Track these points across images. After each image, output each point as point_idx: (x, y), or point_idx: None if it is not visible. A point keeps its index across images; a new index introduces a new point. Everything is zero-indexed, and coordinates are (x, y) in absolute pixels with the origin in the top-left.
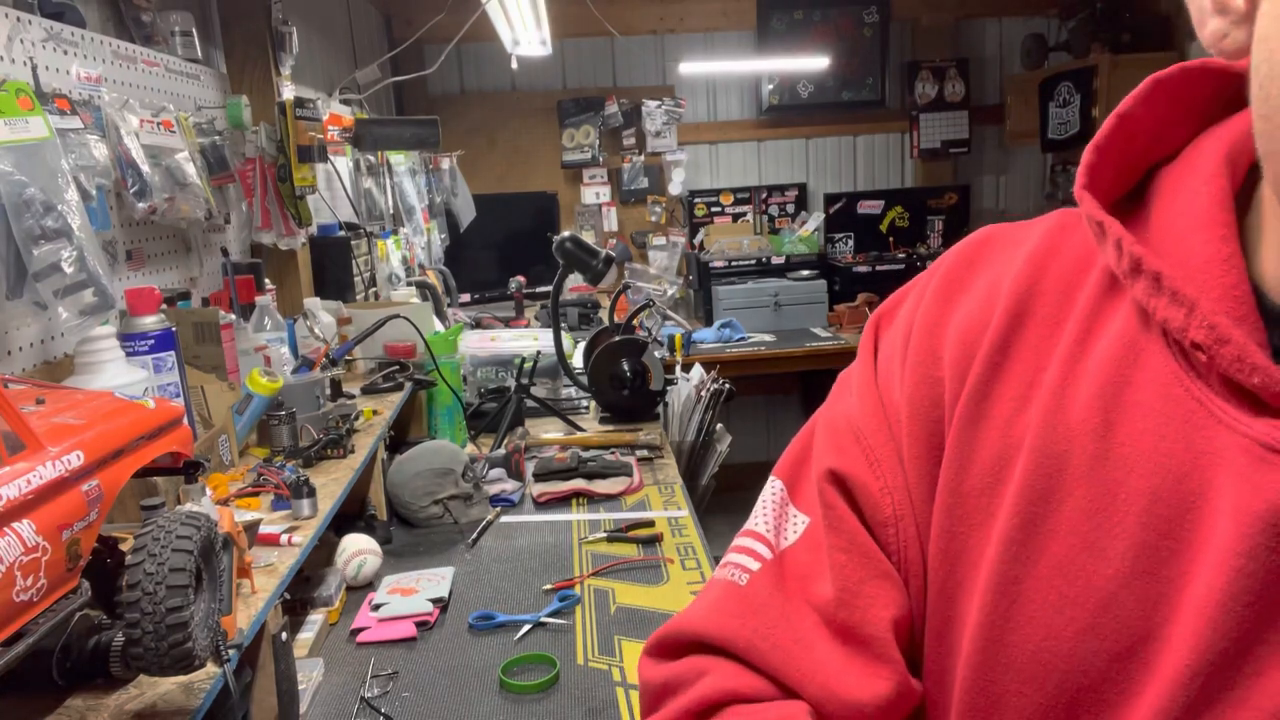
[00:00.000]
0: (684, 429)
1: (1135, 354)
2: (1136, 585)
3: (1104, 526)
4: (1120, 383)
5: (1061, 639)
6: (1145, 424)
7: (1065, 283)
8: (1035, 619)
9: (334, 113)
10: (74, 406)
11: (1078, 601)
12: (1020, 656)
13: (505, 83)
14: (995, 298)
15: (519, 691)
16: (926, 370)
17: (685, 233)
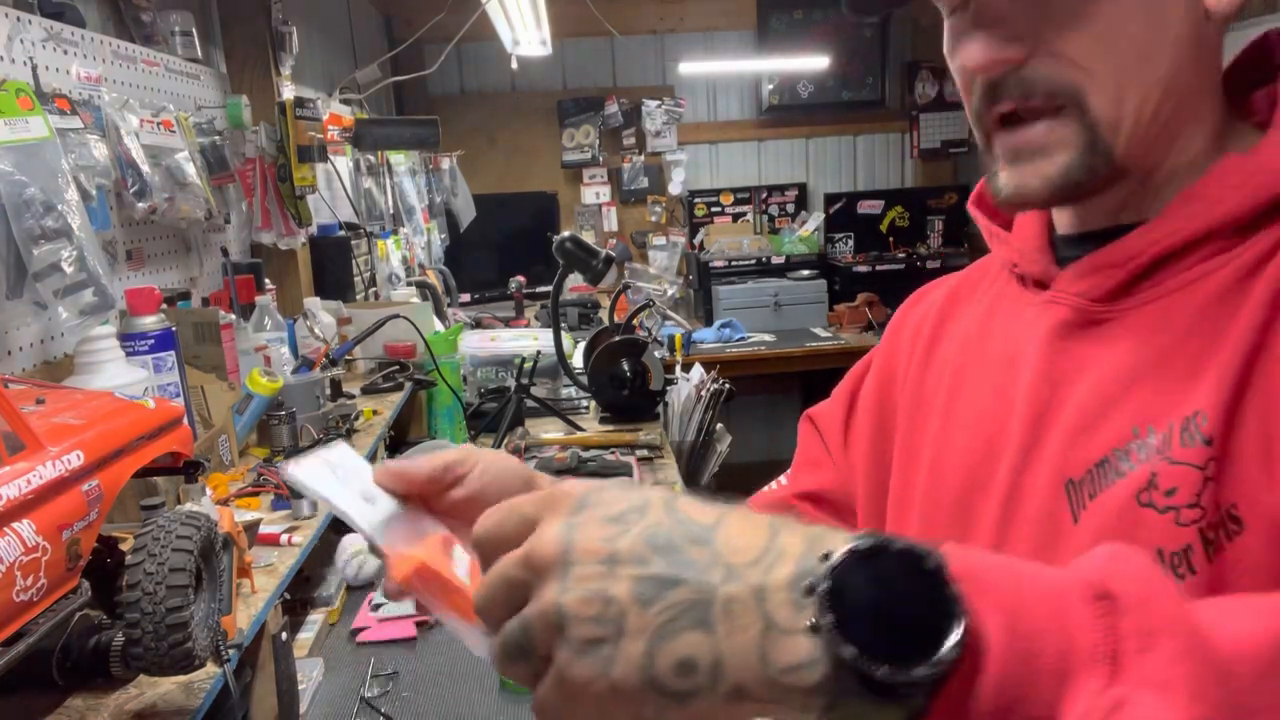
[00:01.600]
0: (684, 429)
1: (997, 297)
2: (997, 407)
3: (978, 385)
4: (992, 307)
5: (963, 452)
6: (1001, 321)
7: (966, 286)
8: (955, 440)
9: (334, 113)
10: (74, 406)
11: (975, 427)
12: (934, 470)
13: (505, 83)
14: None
15: (519, 691)
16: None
17: (685, 233)
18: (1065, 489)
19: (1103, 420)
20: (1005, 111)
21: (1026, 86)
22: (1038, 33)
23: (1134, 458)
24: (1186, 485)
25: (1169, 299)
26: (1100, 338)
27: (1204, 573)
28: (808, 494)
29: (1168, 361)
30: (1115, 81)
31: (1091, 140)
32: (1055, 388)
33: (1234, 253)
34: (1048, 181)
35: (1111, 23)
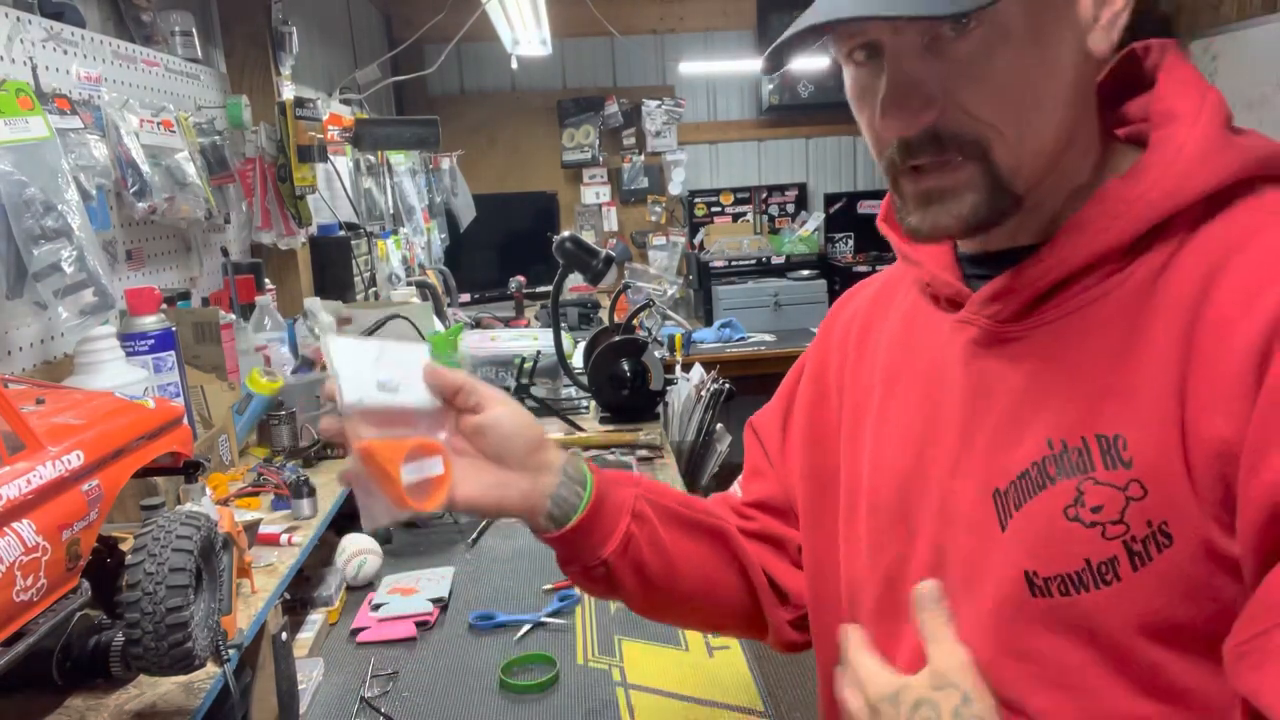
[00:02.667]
0: (684, 429)
1: (913, 307)
2: (924, 419)
3: (905, 398)
4: (909, 323)
5: (896, 461)
6: (920, 338)
7: (883, 296)
8: (889, 450)
9: (334, 113)
10: (74, 406)
11: (906, 438)
12: (866, 502)
13: (505, 83)
14: (852, 320)
15: (519, 691)
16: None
17: (685, 233)
18: (993, 498)
19: (1019, 433)
20: (918, 164)
21: (941, 143)
22: (947, 92)
23: (1051, 470)
24: (1111, 504)
25: (1069, 318)
26: (1010, 355)
27: (1128, 580)
28: (755, 503)
29: (1073, 378)
30: (1016, 132)
31: (995, 183)
32: (975, 401)
33: (1125, 274)
34: (959, 219)
35: (1011, 79)
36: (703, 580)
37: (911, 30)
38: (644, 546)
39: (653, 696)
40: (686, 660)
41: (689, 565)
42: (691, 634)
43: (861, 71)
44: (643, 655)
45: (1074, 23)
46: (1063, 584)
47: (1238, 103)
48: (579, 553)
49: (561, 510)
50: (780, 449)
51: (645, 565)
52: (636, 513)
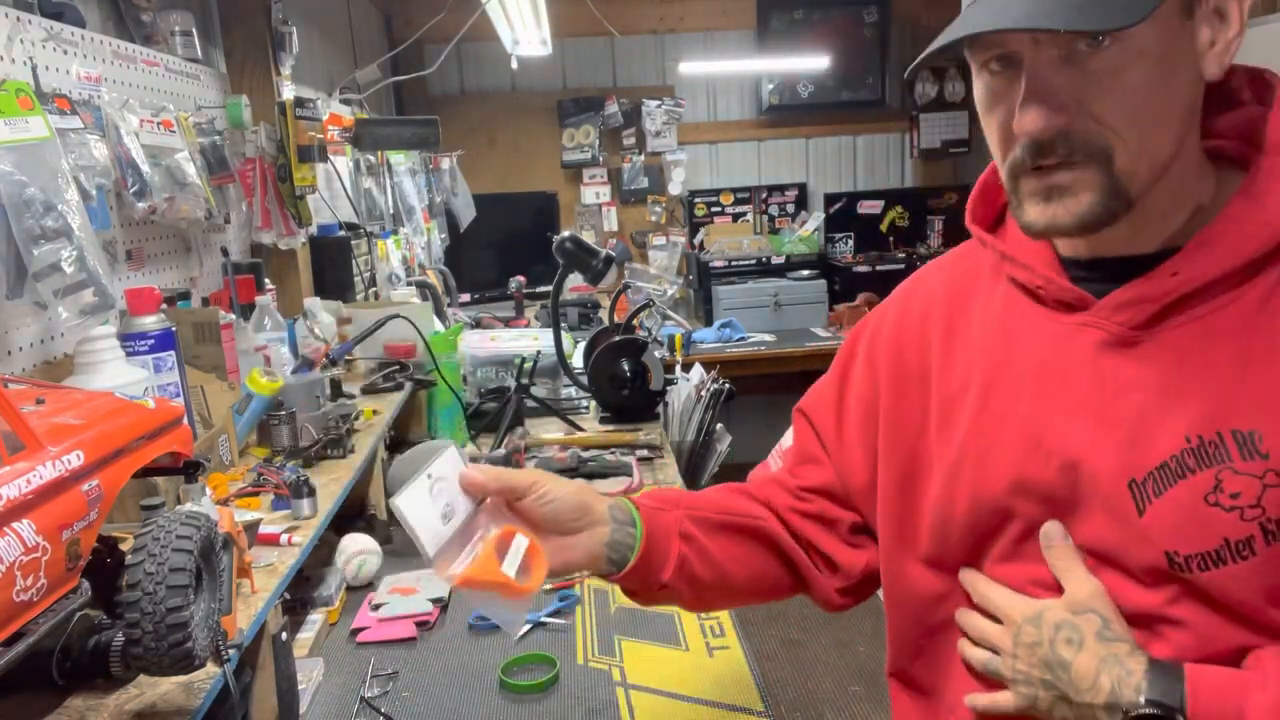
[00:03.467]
0: (684, 429)
1: (1010, 304)
2: (1041, 413)
3: (1015, 391)
4: (1004, 319)
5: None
6: (1027, 334)
7: (958, 288)
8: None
9: (334, 113)
10: (74, 406)
11: (1019, 429)
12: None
13: (505, 83)
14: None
15: (519, 691)
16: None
17: (685, 233)
18: (1129, 487)
19: (1155, 429)
20: (1048, 164)
21: (1071, 146)
22: (1079, 101)
23: (1190, 462)
24: (1248, 491)
25: (1192, 325)
26: (1139, 357)
27: (1263, 555)
28: (810, 488)
29: (1204, 379)
30: (1138, 142)
31: (1114, 187)
32: (1108, 398)
33: (1244, 289)
34: (1077, 217)
35: (1138, 94)
36: (751, 575)
37: (1052, 44)
38: (695, 563)
39: (653, 696)
40: (686, 660)
41: (736, 565)
42: (691, 634)
43: (996, 79)
44: (643, 655)
45: (1193, 48)
46: (1202, 561)
47: None
48: (642, 583)
49: (619, 554)
50: (836, 433)
51: (698, 578)
52: (684, 534)
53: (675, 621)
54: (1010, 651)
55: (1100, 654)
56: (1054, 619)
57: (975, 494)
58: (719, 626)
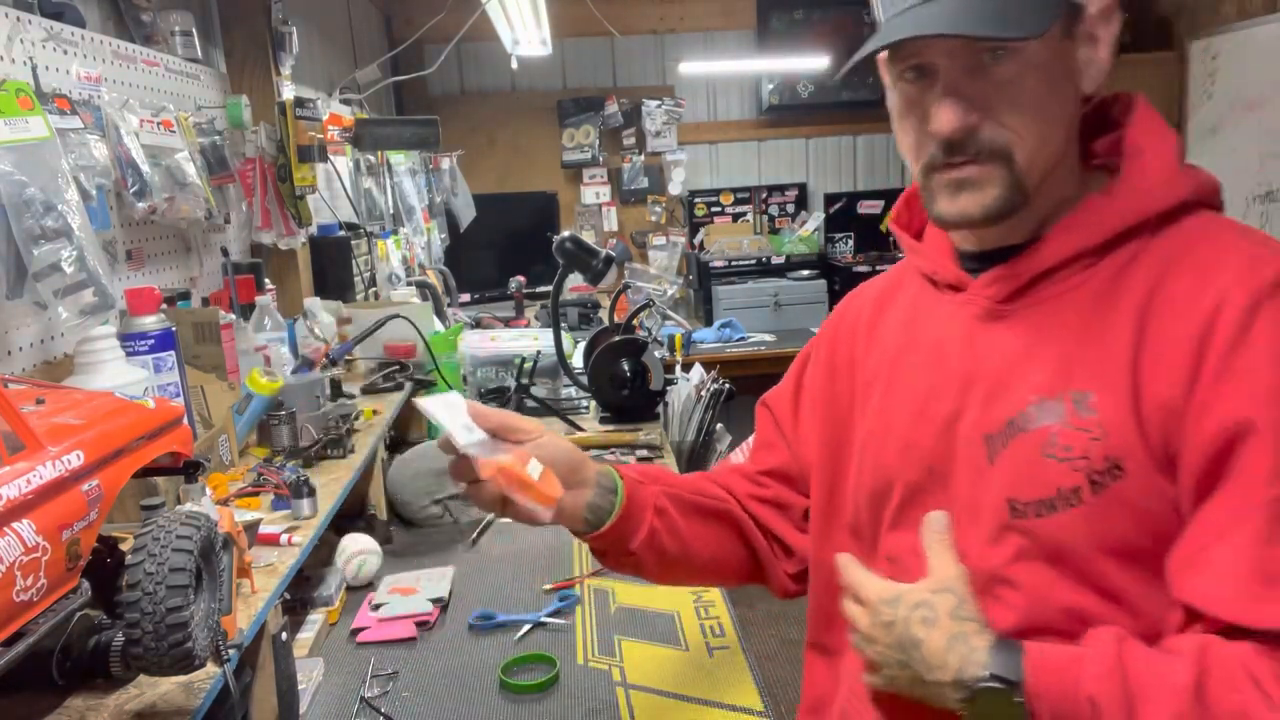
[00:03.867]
0: (684, 429)
1: (917, 296)
2: (931, 379)
3: (913, 368)
4: (913, 308)
5: (907, 412)
6: (924, 318)
7: (888, 292)
8: (900, 404)
9: (334, 113)
10: (74, 406)
11: (914, 395)
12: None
13: (505, 83)
14: (861, 310)
15: (519, 691)
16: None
17: (685, 233)
18: (984, 440)
19: (1008, 390)
20: (957, 162)
21: (979, 145)
22: (986, 106)
23: (1033, 418)
24: (1078, 444)
25: (1052, 301)
26: (1004, 327)
27: (1089, 504)
28: (767, 471)
29: (1053, 347)
30: (1034, 143)
31: (1015, 182)
32: (974, 364)
33: (1097, 268)
34: (984, 208)
35: (1034, 101)
36: (713, 554)
37: (962, 56)
38: (664, 536)
39: (653, 696)
40: (686, 660)
41: (702, 544)
42: (691, 634)
43: (911, 88)
44: (643, 655)
45: (1075, 65)
46: (1038, 508)
47: (1238, 103)
48: (613, 547)
49: (596, 517)
50: (793, 422)
51: (666, 550)
52: (659, 508)
53: (675, 621)
54: (868, 633)
55: (951, 631)
56: (913, 599)
57: (876, 462)
58: (719, 626)
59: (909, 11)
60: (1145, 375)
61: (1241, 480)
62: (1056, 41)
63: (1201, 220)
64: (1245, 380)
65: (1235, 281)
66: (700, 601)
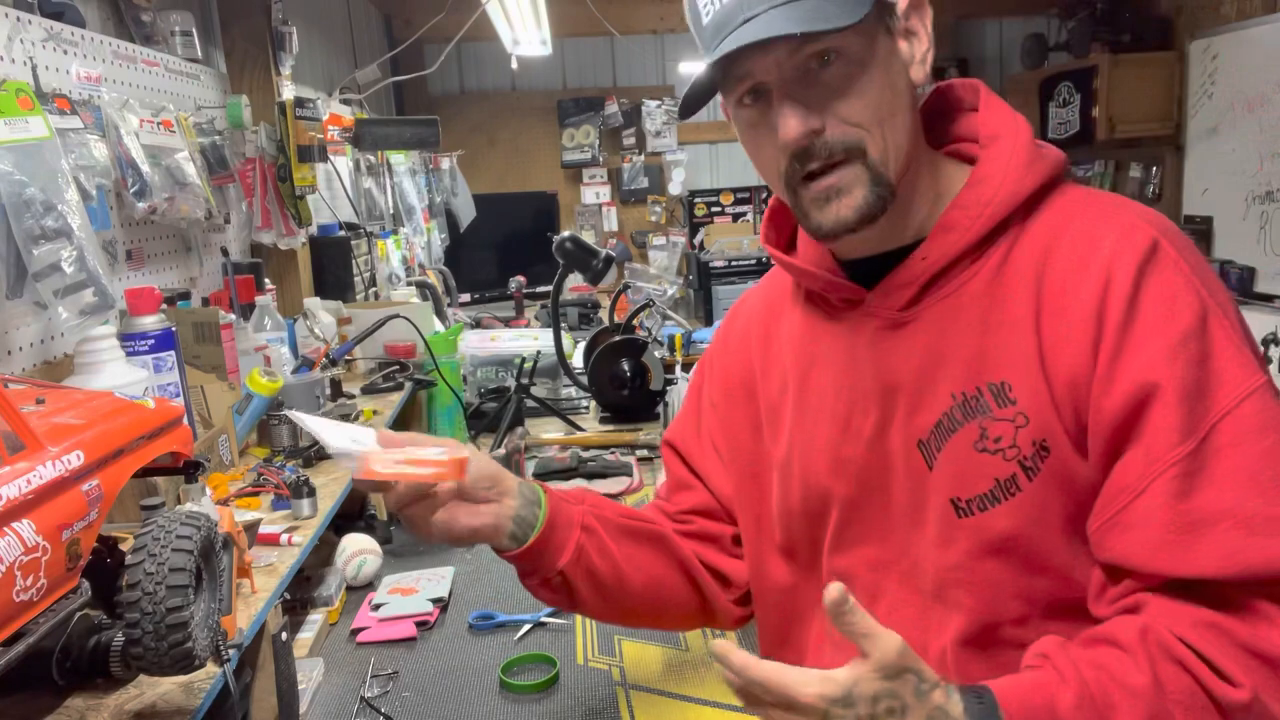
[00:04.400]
0: None
1: (809, 311)
2: (845, 396)
3: (822, 385)
4: (806, 325)
5: (826, 434)
6: (823, 336)
7: (771, 305)
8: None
9: (334, 113)
10: (74, 406)
11: (831, 414)
12: (799, 473)
13: (505, 83)
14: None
15: (519, 691)
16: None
17: (685, 232)
18: (918, 447)
19: (928, 393)
20: (812, 169)
21: (829, 148)
22: (828, 108)
23: (959, 416)
24: (1006, 435)
25: (948, 300)
26: (909, 334)
27: (1026, 490)
28: (688, 510)
29: (960, 343)
30: (881, 132)
31: (876, 175)
32: (888, 374)
33: (982, 260)
34: (857, 210)
35: (871, 94)
36: (650, 580)
37: (791, 66)
38: (594, 556)
39: (653, 696)
40: (686, 660)
41: (635, 569)
42: (691, 634)
43: (751, 111)
44: (643, 655)
45: (900, 59)
46: (980, 502)
47: (1238, 102)
48: (539, 565)
49: (521, 529)
50: (700, 456)
51: (596, 572)
52: (585, 526)
53: None
54: None
55: (923, 714)
56: (870, 691)
57: (804, 482)
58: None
59: (730, 36)
60: (1049, 355)
61: (1151, 439)
62: (881, 37)
63: (1067, 195)
64: (1143, 348)
65: (1116, 253)
66: None
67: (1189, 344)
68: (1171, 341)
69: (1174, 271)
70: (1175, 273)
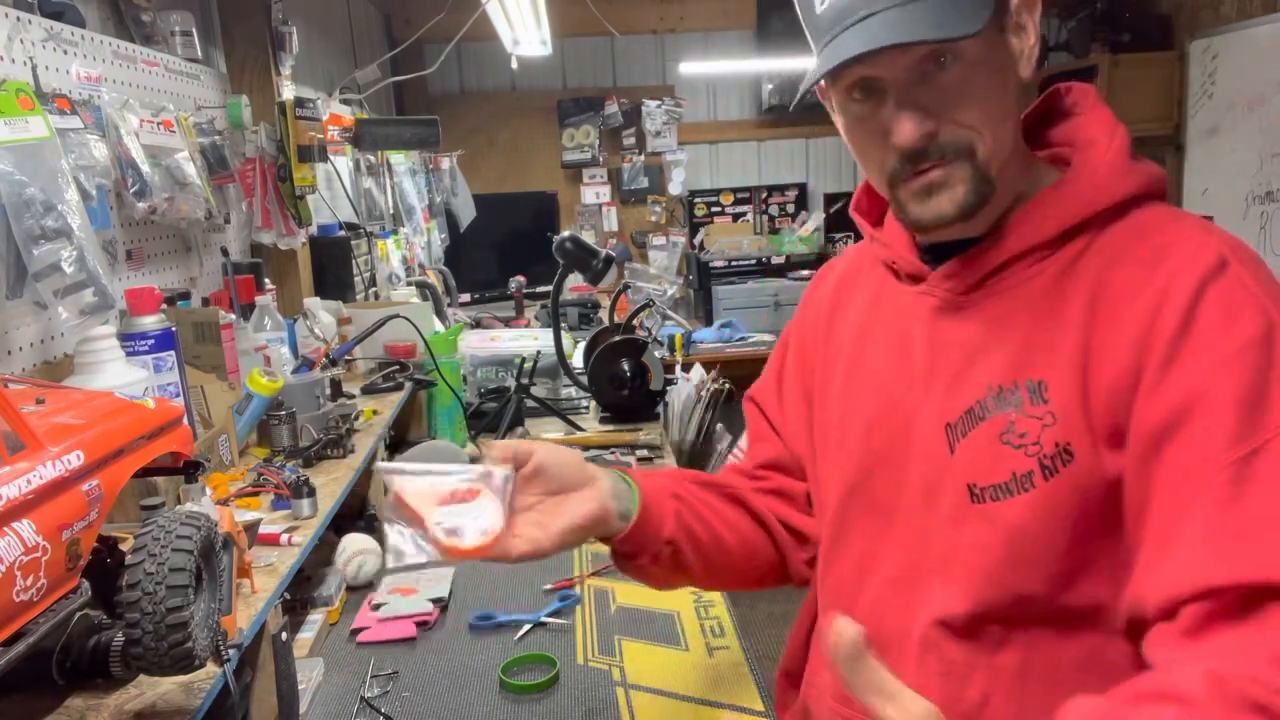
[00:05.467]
0: (684, 429)
1: (879, 285)
2: (893, 369)
3: (873, 356)
4: (874, 295)
5: (870, 404)
6: (886, 307)
7: (852, 270)
8: (862, 396)
9: (334, 113)
10: (74, 406)
11: (877, 385)
12: (851, 431)
13: (505, 83)
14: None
15: (519, 691)
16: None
17: (685, 233)
18: (945, 429)
19: (967, 379)
20: (923, 168)
21: (942, 149)
22: (941, 109)
23: (991, 406)
24: (1032, 431)
25: (1009, 292)
26: (962, 319)
27: (1041, 489)
28: (764, 464)
29: (1009, 337)
30: (992, 135)
31: (981, 174)
32: (934, 354)
33: (1051, 259)
34: (958, 205)
35: (985, 97)
36: (741, 541)
37: (908, 66)
38: (693, 521)
39: (653, 696)
40: (686, 660)
41: (728, 529)
42: (691, 634)
43: (861, 107)
44: (643, 655)
45: (1010, 57)
46: (995, 492)
47: (1238, 102)
48: (646, 542)
49: (622, 505)
50: (780, 412)
51: (698, 537)
52: (675, 494)
53: (675, 621)
54: None
55: None
56: None
57: (841, 446)
58: (719, 627)
59: (847, 31)
60: (1094, 361)
61: (1202, 442)
62: (995, 36)
63: (1149, 212)
64: (1197, 357)
65: (1180, 268)
66: (700, 601)
67: (1248, 352)
68: (1229, 350)
69: (1238, 286)
70: (1239, 287)
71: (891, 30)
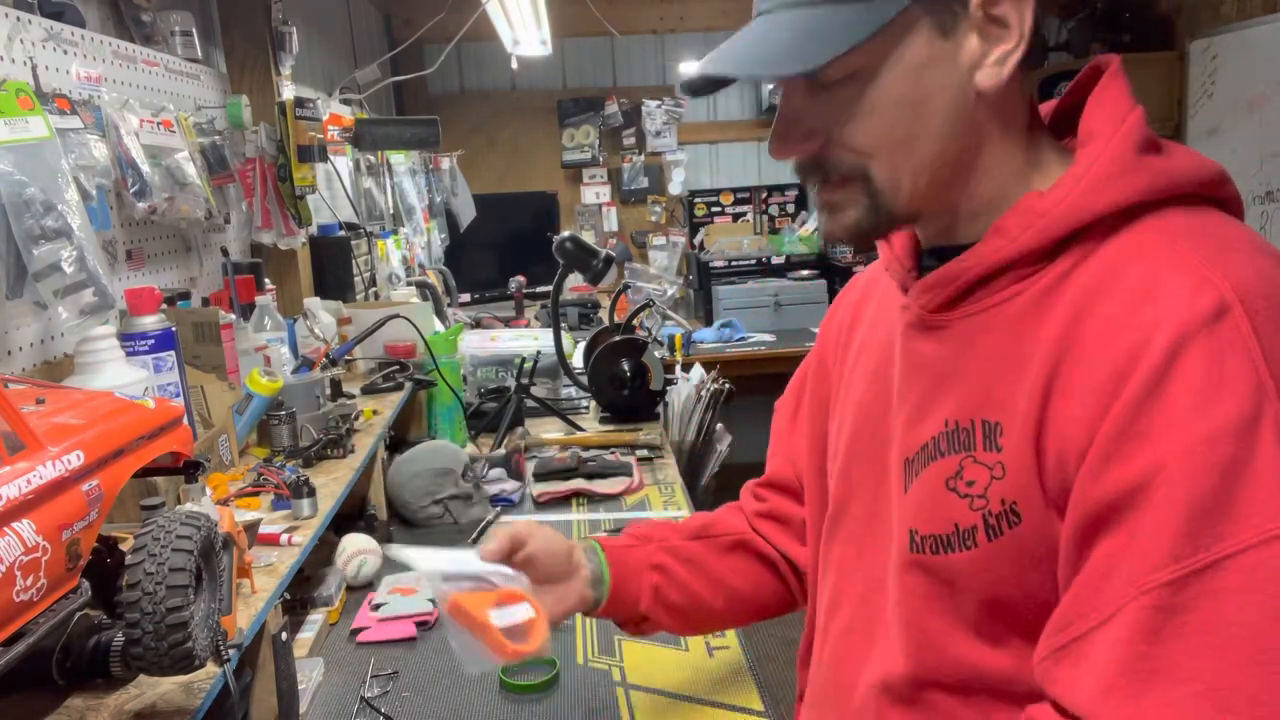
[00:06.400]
0: (684, 429)
1: (886, 291)
2: (875, 390)
3: (865, 360)
4: (879, 308)
5: (854, 428)
6: (882, 318)
7: (876, 281)
8: (850, 417)
9: (334, 113)
10: (74, 406)
11: (860, 407)
12: (840, 449)
13: (505, 82)
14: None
15: (519, 691)
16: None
17: (685, 233)
18: (904, 465)
19: (930, 410)
20: (819, 183)
21: (825, 171)
22: (828, 127)
23: (944, 446)
24: (980, 480)
25: (986, 313)
26: (935, 340)
27: (984, 549)
28: (768, 482)
29: (976, 368)
30: (891, 160)
31: (875, 202)
32: (906, 377)
33: (1034, 278)
34: (846, 230)
35: (884, 118)
36: (730, 598)
37: (799, 77)
38: (671, 592)
39: (653, 696)
40: (686, 660)
41: (715, 590)
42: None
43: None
44: (643, 655)
45: (954, 64)
46: (935, 544)
47: (1238, 103)
48: (621, 615)
49: (597, 591)
50: (789, 429)
51: (675, 606)
52: (656, 565)
53: None
54: None
55: None
56: None
57: (829, 467)
58: None
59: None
60: (1052, 412)
61: (1135, 550)
62: (924, 45)
63: (1163, 223)
64: (1156, 434)
65: (1165, 315)
66: None
67: (1219, 442)
68: (1196, 435)
69: (1231, 349)
70: (1232, 350)
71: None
